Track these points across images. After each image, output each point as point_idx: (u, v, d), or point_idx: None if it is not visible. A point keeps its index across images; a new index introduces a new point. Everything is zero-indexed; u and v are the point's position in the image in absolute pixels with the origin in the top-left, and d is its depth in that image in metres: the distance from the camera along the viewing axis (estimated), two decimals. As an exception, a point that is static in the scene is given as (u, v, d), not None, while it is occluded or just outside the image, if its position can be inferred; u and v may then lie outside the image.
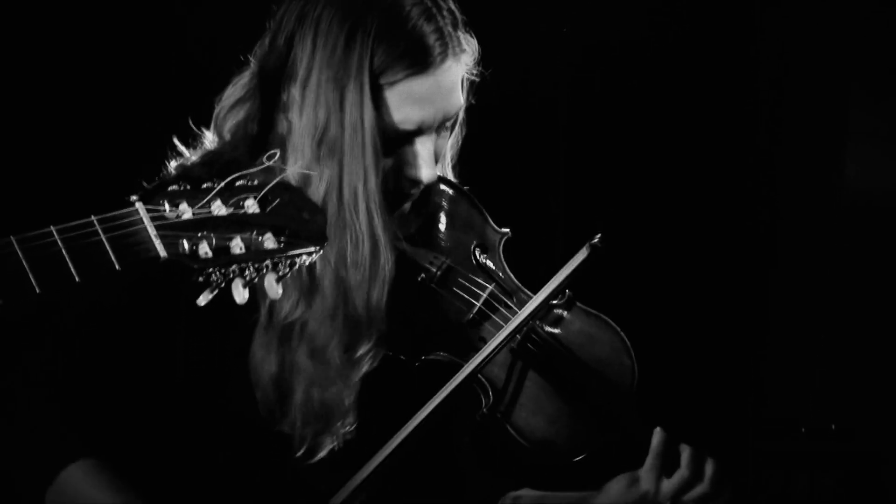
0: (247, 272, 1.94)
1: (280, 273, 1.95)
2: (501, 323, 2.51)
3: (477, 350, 2.48)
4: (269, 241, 1.95)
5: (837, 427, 3.83)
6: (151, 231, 1.93)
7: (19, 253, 1.93)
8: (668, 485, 2.47)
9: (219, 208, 1.95)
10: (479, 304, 2.52)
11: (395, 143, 2.41)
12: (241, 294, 1.94)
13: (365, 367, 2.43)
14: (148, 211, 1.94)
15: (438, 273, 2.52)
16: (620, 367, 2.55)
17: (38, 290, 1.93)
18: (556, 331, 2.55)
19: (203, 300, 1.95)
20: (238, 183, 1.97)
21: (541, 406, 2.50)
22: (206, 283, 1.94)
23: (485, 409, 2.49)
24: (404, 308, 2.49)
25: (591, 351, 2.55)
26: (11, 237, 1.94)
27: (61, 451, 2.37)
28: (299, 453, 2.44)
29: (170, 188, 1.94)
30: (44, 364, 2.39)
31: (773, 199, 4.32)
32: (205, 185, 1.96)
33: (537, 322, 2.53)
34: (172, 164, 2.49)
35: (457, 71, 2.42)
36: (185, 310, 2.21)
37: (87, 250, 1.94)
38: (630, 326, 2.58)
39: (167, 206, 1.94)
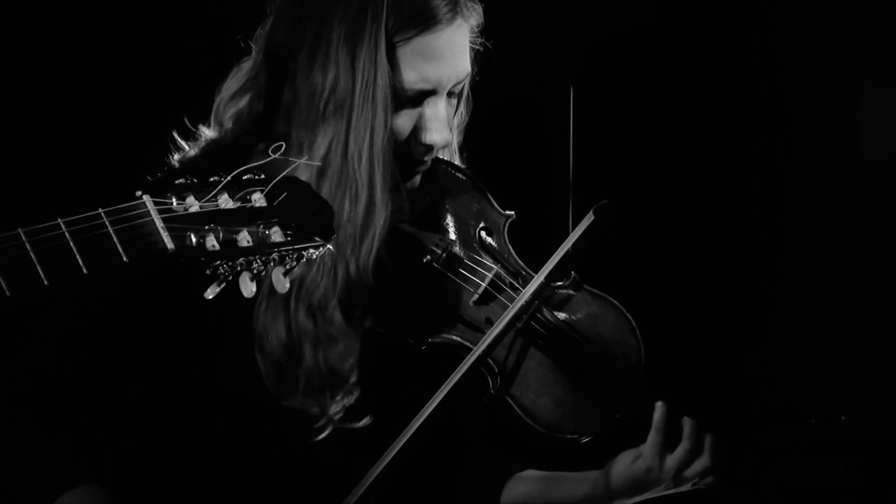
0: (254, 265, 1.94)
1: (287, 266, 1.96)
2: (507, 303, 2.52)
3: (483, 331, 2.49)
4: (277, 235, 1.95)
5: (848, 417, 3.82)
6: (159, 224, 1.93)
7: (27, 245, 1.93)
8: (671, 459, 2.48)
9: (226, 201, 1.95)
10: (484, 285, 2.53)
11: (409, 105, 2.43)
12: (248, 287, 1.94)
13: (365, 326, 2.45)
14: (155, 204, 1.94)
15: (443, 255, 2.53)
16: (626, 348, 2.56)
17: (46, 283, 1.94)
18: (562, 311, 2.56)
19: (211, 293, 1.95)
20: (245, 176, 1.98)
21: (548, 387, 2.51)
22: (214, 276, 1.94)
23: (492, 391, 2.50)
24: (410, 290, 2.51)
25: (596, 331, 2.56)
26: (19, 229, 1.94)
27: (60, 475, 2.38)
28: (318, 425, 2.44)
29: (177, 181, 1.95)
30: (42, 368, 2.39)
31: (785, 189, 4.31)
32: (212, 179, 1.96)
33: (542, 303, 2.53)
34: (175, 158, 2.49)
35: (465, 31, 2.46)
36: (184, 300, 2.21)
37: (95, 242, 1.94)
38: (637, 317, 2.58)
39: (174, 200, 1.94)
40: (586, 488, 2.55)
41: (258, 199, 1.96)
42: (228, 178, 1.96)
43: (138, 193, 1.93)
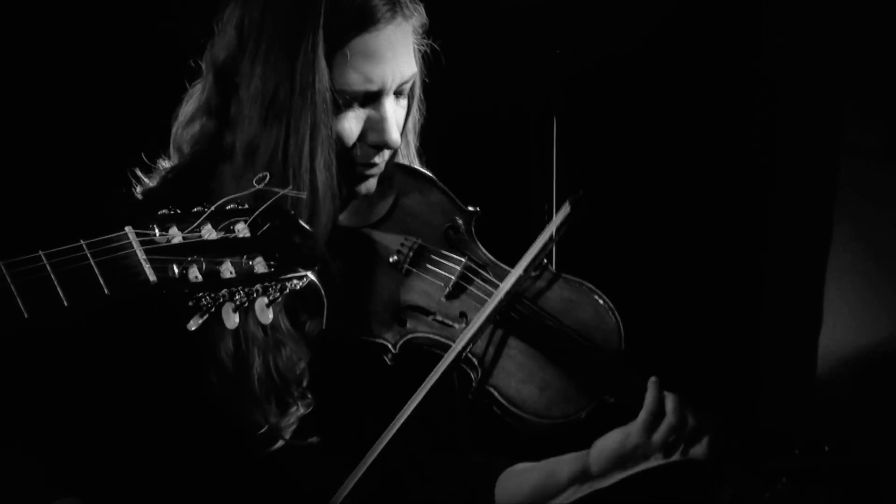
0: (237, 296, 1.93)
1: (270, 297, 1.95)
2: (480, 294, 2.52)
3: (457, 325, 2.49)
4: (260, 266, 1.94)
5: (832, 447, 3.81)
6: (141, 255, 1.92)
7: (8, 278, 1.92)
8: (657, 435, 2.48)
9: (209, 232, 1.94)
10: (454, 278, 2.53)
11: (356, 108, 2.44)
12: (231, 319, 1.93)
13: (312, 331, 2.45)
14: (138, 235, 1.93)
15: (411, 253, 2.53)
16: (606, 329, 2.56)
17: (26, 315, 1.92)
18: (538, 300, 2.56)
19: (193, 325, 1.94)
20: (228, 207, 1.96)
21: (530, 374, 2.51)
22: (197, 308, 1.93)
23: (475, 384, 2.50)
24: (379, 292, 2.51)
25: (574, 316, 2.55)
26: (0, 262, 1.93)
27: (38, 495, 2.37)
28: (261, 431, 2.43)
29: (160, 212, 1.93)
30: (15, 386, 2.39)
31: (766, 218, 4.32)
32: (195, 209, 1.95)
33: (518, 293, 2.53)
34: (138, 190, 2.50)
35: (406, 30, 2.46)
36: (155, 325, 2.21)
37: (76, 275, 1.93)
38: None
39: (157, 231, 1.93)
40: (577, 468, 2.54)
41: (241, 230, 1.95)
42: (212, 208, 1.95)
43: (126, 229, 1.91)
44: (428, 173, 2.63)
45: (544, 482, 2.57)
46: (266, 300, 1.95)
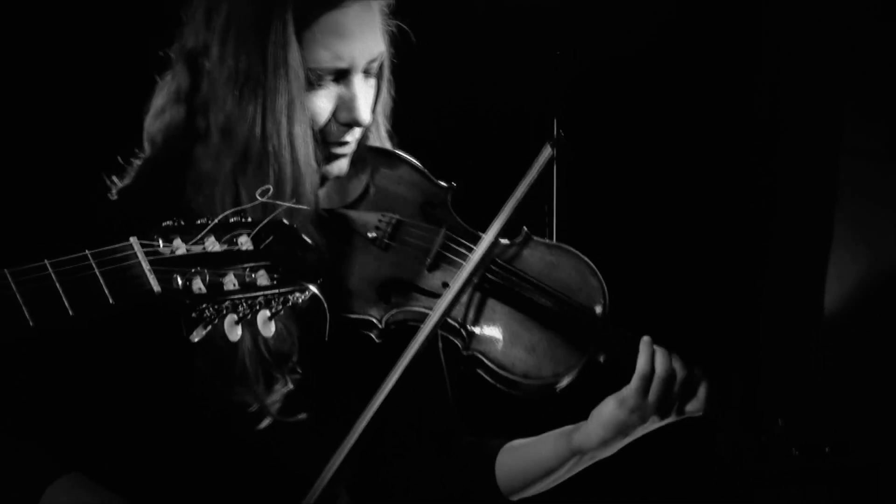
0: (240, 308, 1.95)
1: (273, 310, 1.96)
2: (461, 262, 2.52)
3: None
4: (263, 278, 1.95)
5: (832, 448, 3.82)
6: (145, 266, 1.94)
7: (13, 286, 1.93)
8: (651, 394, 2.48)
9: (212, 244, 1.96)
10: (434, 248, 2.54)
11: (326, 86, 2.46)
12: (234, 331, 1.95)
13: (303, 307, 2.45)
14: (142, 246, 1.94)
15: (389, 228, 2.54)
16: (589, 289, 2.56)
17: (31, 324, 1.94)
18: (518, 263, 2.56)
19: (196, 336, 1.95)
20: (232, 219, 1.98)
21: (516, 336, 2.51)
22: (200, 319, 1.94)
23: (463, 353, 2.51)
24: (361, 270, 2.51)
25: (556, 277, 2.56)
26: (5, 270, 1.94)
27: (42, 471, 2.39)
28: (251, 409, 2.45)
29: (164, 223, 1.95)
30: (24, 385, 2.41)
31: (767, 220, 4.33)
32: (199, 221, 1.97)
33: (497, 257, 2.53)
34: (114, 191, 2.51)
35: (373, 8, 2.49)
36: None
37: (81, 284, 1.94)
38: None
39: (161, 242, 1.95)
40: (577, 439, 2.54)
41: (245, 243, 1.97)
42: (216, 220, 1.97)
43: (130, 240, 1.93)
44: (401, 153, 2.64)
45: (545, 455, 2.57)
46: (268, 312, 1.96)
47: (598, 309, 2.54)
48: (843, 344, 4.28)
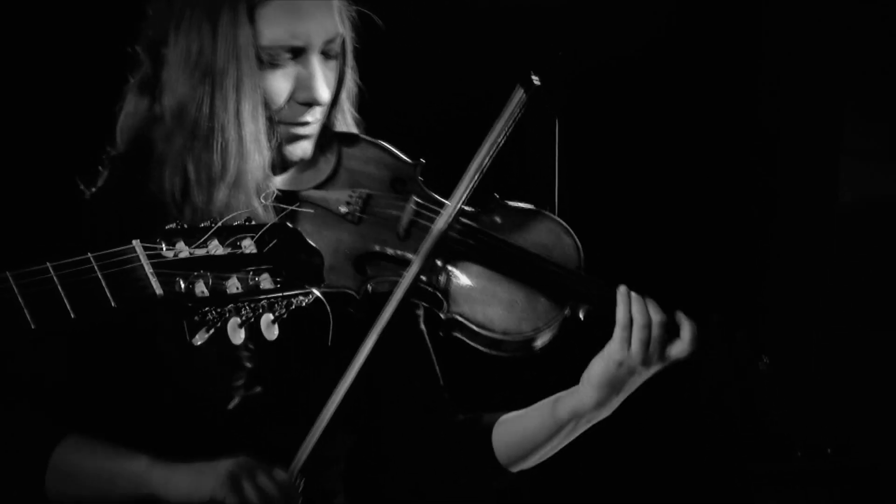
0: (243, 312, 1.94)
1: (277, 313, 1.95)
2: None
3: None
4: (266, 282, 1.95)
5: (834, 449, 3.83)
6: (148, 269, 1.93)
7: (15, 289, 1.93)
8: (634, 343, 2.47)
9: (216, 247, 1.95)
10: (406, 216, 2.53)
11: (283, 66, 2.48)
12: (237, 334, 1.94)
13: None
14: (145, 249, 1.94)
15: (360, 202, 2.54)
16: (564, 247, 2.56)
17: (33, 326, 1.94)
18: (490, 227, 2.56)
19: (199, 339, 1.95)
20: (235, 223, 1.97)
21: (494, 295, 2.51)
22: (203, 322, 1.94)
23: (441, 315, 2.51)
24: (335, 245, 2.51)
25: (529, 238, 2.56)
26: (7, 273, 1.94)
27: (45, 436, 2.41)
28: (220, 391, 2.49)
29: (167, 226, 1.94)
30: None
31: (768, 224, 4.33)
32: (202, 224, 1.96)
33: (470, 222, 2.53)
34: (87, 195, 2.53)
35: None
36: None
37: (83, 287, 1.94)
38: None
39: (164, 245, 1.94)
40: (571, 403, 2.53)
41: (248, 246, 1.96)
42: (219, 223, 1.96)
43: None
44: (368, 137, 2.64)
45: (542, 423, 2.55)
46: (272, 316, 1.95)
47: (574, 265, 2.54)
48: (844, 345, 4.28)
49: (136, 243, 1.93)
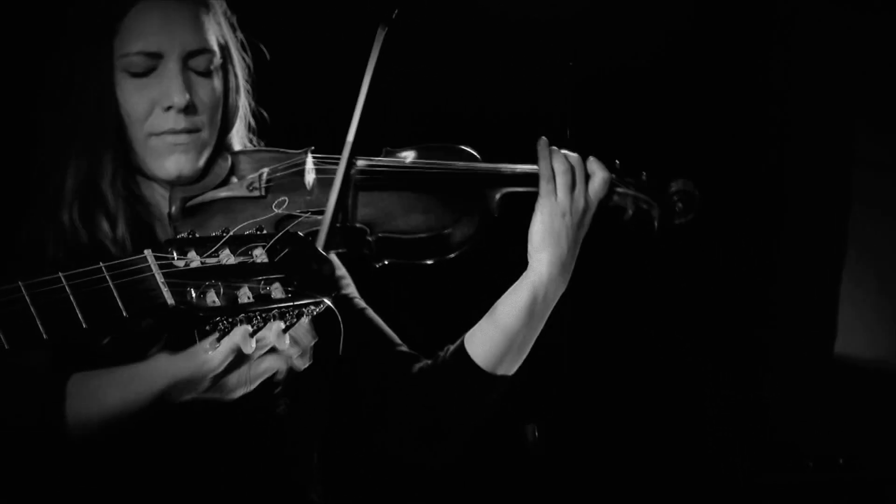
0: (254, 321, 1.95)
1: (287, 322, 1.96)
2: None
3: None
4: (277, 291, 1.95)
5: (845, 461, 3.82)
6: (160, 279, 1.94)
7: (27, 299, 1.93)
8: (559, 191, 2.55)
9: (227, 257, 1.96)
10: (308, 171, 2.56)
11: (142, 76, 2.53)
12: (248, 343, 1.94)
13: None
14: (157, 259, 1.94)
15: (262, 175, 2.56)
16: (465, 156, 2.62)
17: (45, 336, 1.94)
18: (390, 162, 2.62)
19: (210, 349, 1.95)
20: (247, 232, 1.98)
21: (411, 206, 2.57)
22: (214, 331, 1.94)
23: (369, 238, 2.53)
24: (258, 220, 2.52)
25: (431, 158, 2.62)
26: (20, 283, 1.94)
27: (54, 377, 2.36)
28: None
29: (178, 236, 1.95)
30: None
31: (779, 230, 4.33)
32: (214, 234, 1.97)
33: (367, 160, 2.59)
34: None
35: (192, 7, 2.56)
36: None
37: (95, 297, 1.95)
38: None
39: (175, 254, 1.95)
40: (528, 282, 2.56)
41: (259, 255, 1.97)
42: (231, 233, 1.97)
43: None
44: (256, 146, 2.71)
45: (508, 312, 2.57)
46: (283, 325, 1.96)
47: (480, 165, 2.61)
48: (858, 356, 4.27)
49: (147, 253, 1.94)
